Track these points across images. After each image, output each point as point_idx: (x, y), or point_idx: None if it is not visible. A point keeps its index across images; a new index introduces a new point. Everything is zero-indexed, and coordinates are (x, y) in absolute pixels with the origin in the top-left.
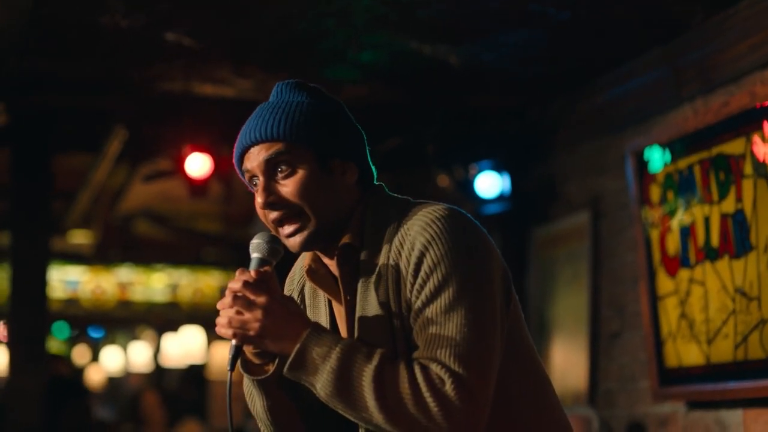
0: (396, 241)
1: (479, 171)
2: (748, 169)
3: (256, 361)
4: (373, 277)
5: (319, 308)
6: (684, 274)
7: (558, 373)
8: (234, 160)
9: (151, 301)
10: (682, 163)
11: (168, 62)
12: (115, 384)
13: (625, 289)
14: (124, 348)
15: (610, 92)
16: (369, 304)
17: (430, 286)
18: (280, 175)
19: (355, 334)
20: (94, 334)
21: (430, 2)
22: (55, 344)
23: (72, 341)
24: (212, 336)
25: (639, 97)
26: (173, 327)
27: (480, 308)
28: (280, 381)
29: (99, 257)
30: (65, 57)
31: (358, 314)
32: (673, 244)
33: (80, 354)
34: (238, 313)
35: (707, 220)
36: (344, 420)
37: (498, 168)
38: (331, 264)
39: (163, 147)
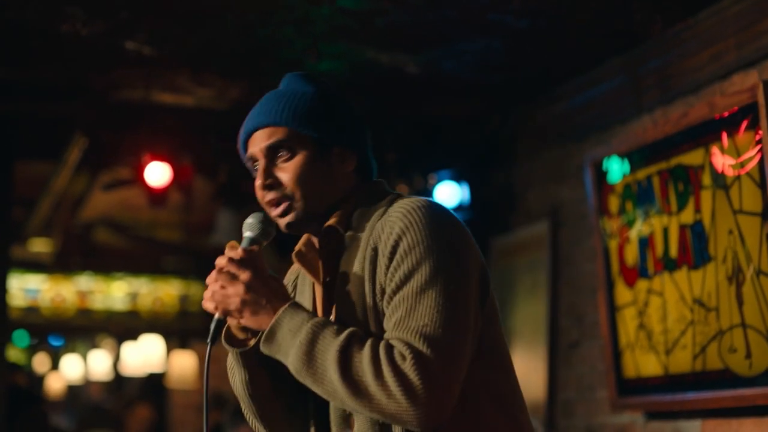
0: (378, 227)
1: (438, 181)
2: (706, 180)
3: (240, 335)
4: (353, 260)
5: (304, 293)
6: (642, 284)
7: None
8: (239, 146)
9: (110, 309)
10: (641, 174)
11: (128, 70)
12: (74, 392)
13: (583, 298)
14: (84, 356)
15: (570, 101)
16: (347, 285)
17: (403, 269)
18: (279, 160)
19: (332, 315)
20: (54, 342)
21: (388, 11)
22: (15, 352)
23: (32, 349)
24: (172, 345)
25: (599, 106)
26: (133, 335)
27: (452, 295)
28: (260, 356)
29: (59, 265)
30: (25, 64)
31: (336, 295)
32: (631, 254)
33: (40, 362)
34: (222, 287)
35: (666, 231)
36: (320, 401)
37: (457, 177)
38: None
39: (123, 155)
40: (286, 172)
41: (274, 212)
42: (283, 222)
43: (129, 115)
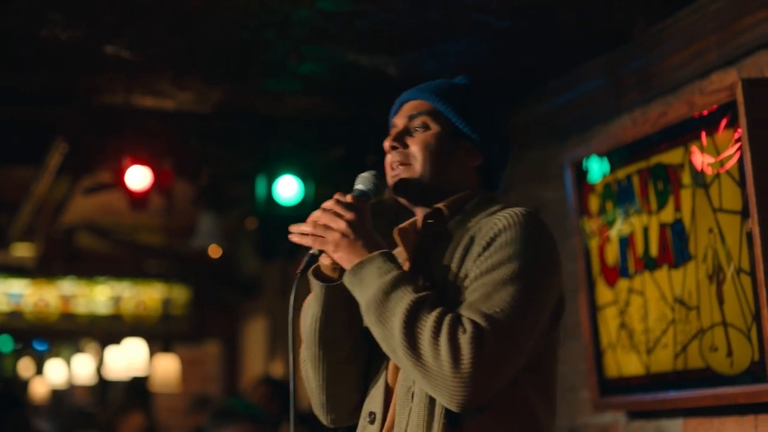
0: (483, 223)
1: None
2: (686, 179)
3: (329, 274)
4: (449, 246)
5: None
6: (623, 284)
7: None
8: (391, 113)
9: (94, 313)
10: (621, 173)
11: (108, 75)
12: (59, 397)
13: (565, 298)
14: (68, 361)
15: (552, 102)
16: (435, 266)
17: (494, 258)
18: (414, 129)
19: None
20: (39, 347)
21: (368, 13)
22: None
23: (16, 354)
24: (155, 348)
25: (580, 106)
26: (116, 339)
27: (531, 296)
28: (340, 295)
29: (42, 270)
30: (5, 70)
31: (421, 269)
32: (612, 254)
33: (25, 367)
34: (324, 223)
35: (646, 230)
36: (380, 354)
37: None
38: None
39: (104, 159)
40: (416, 139)
41: (392, 173)
42: (395, 178)
43: (110, 119)
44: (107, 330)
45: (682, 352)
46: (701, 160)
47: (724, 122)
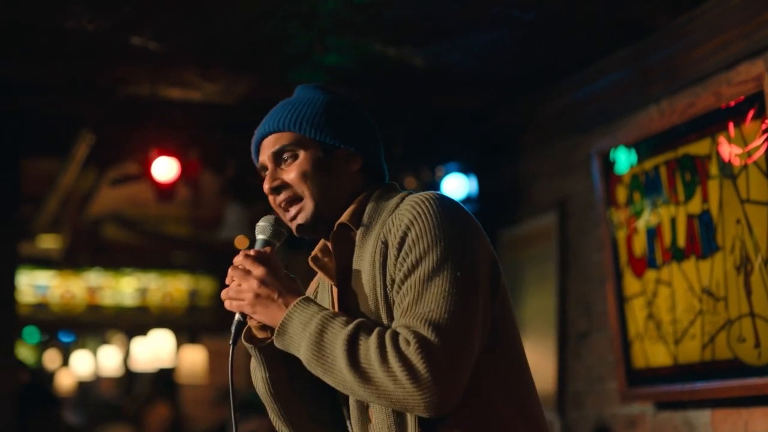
0: (389, 221)
1: (446, 173)
2: (713, 169)
3: (260, 335)
4: (365, 255)
5: (324, 297)
6: (651, 274)
7: None
8: (252, 156)
9: (120, 305)
10: (648, 164)
11: (134, 66)
12: (85, 388)
13: (592, 289)
14: (94, 352)
15: (577, 93)
16: (359, 280)
17: (411, 258)
18: (284, 163)
19: (345, 309)
20: (65, 338)
21: (394, 4)
22: (25, 349)
23: (42, 346)
24: (181, 339)
25: (605, 97)
26: (142, 331)
27: (459, 282)
28: (280, 354)
29: (68, 262)
30: (32, 62)
31: (349, 290)
32: (639, 244)
33: (51, 359)
34: (237, 284)
35: (673, 221)
36: (341, 396)
37: (465, 170)
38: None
39: (130, 151)
40: (290, 172)
41: (287, 216)
42: (294, 224)
43: (136, 111)
44: (134, 321)
45: (710, 342)
46: (728, 150)
47: (751, 113)
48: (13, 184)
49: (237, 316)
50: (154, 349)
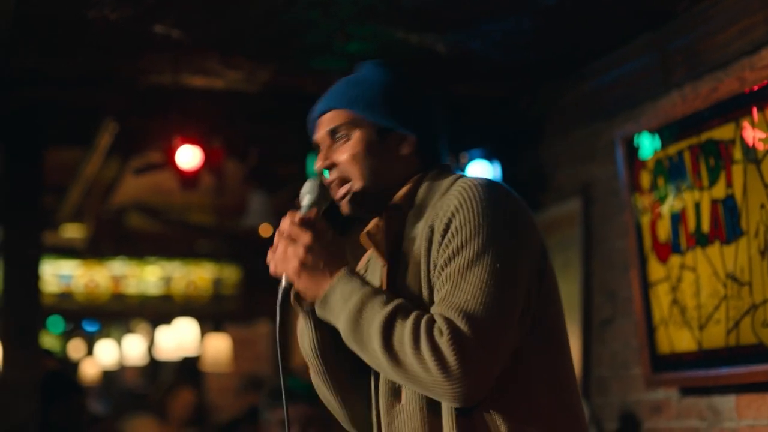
0: (438, 205)
1: (470, 160)
2: (737, 154)
3: (309, 298)
4: (414, 237)
5: (375, 273)
6: (675, 260)
7: None
8: (309, 132)
9: (144, 294)
10: (672, 149)
11: (156, 55)
12: (109, 378)
13: (616, 275)
14: (119, 341)
15: (599, 79)
16: (407, 263)
17: (453, 245)
18: (338, 143)
19: (391, 290)
20: (89, 327)
21: None
22: (50, 339)
23: (67, 335)
24: (206, 328)
25: (628, 83)
26: (167, 320)
27: (498, 272)
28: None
29: (92, 251)
30: (54, 52)
31: (395, 271)
32: (663, 230)
33: (75, 348)
34: (283, 250)
35: (698, 206)
36: (372, 372)
37: (489, 157)
38: None
39: (153, 139)
40: (342, 153)
41: (337, 195)
42: (343, 203)
43: (158, 100)
44: (158, 310)
45: (735, 328)
46: (752, 135)
47: None
48: (37, 174)
49: (284, 282)
50: (179, 338)
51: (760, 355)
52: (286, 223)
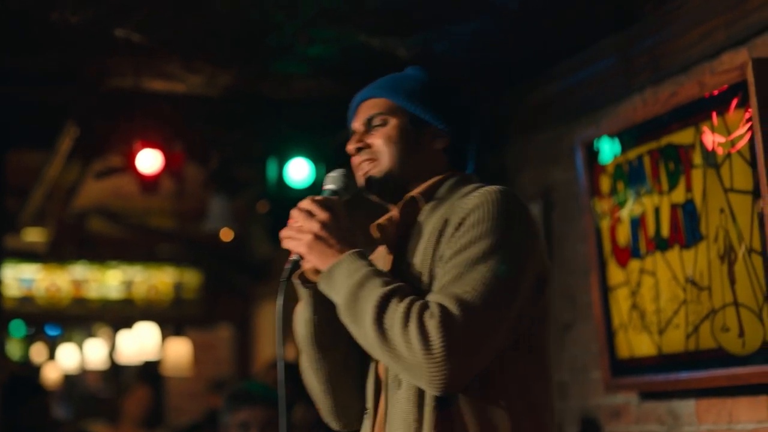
0: (456, 204)
1: None
2: (697, 159)
3: (312, 277)
4: (426, 230)
5: (378, 262)
6: (634, 264)
7: None
8: (348, 120)
9: (105, 298)
10: (632, 154)
11: (118, 58)
12: (71, 382)
13: (576, 279)
14: (80, 346)
15: (562, 82)
16: (415, 253)
17: (464, 240)
18: (374, 129)
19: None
20: (51, 332)
21: None
22: (12, 343)
23: (29, 340)
24: (167, 332)
25: (590, 87)
26: (128, 324)
27: (502, 276)
28: (326, 299)
29: (53, 255)
30: (15, 53)
31: (404, 261)
32: (623, 234)
33: (37, 352)
34: (299, 225)
35: (657, 211)
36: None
37: None
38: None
39: (115, 143)
40: (377, 137)
41: (360, 171)
42: (363, 178)
43: (120, 103)
44: (119, 314)
45: (694, 332)
46: (712, 140)
47: (734, 102)
48: None
49: (294, 255)
50: (140, 342)
51: (720, 359)
52: (306, 202)
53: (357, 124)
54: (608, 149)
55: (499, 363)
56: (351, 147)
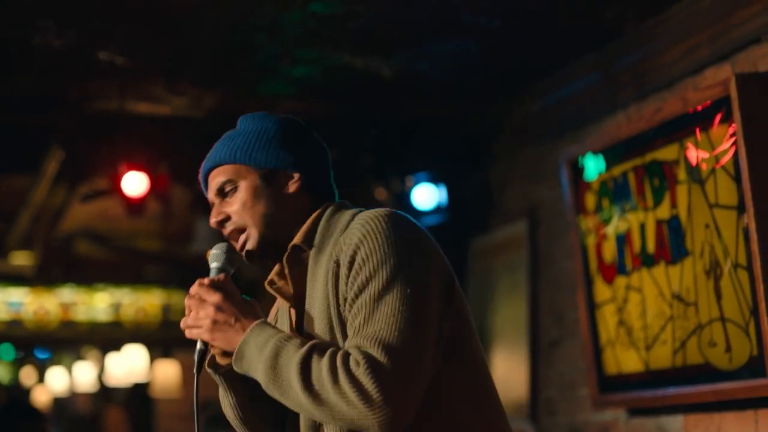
0: (340, 240)
1: (415, 183)
2: (681, 174)
3: (223, 362)
4: (319, 276)
5: (284, 321)
6: (621, 281)
7: (499, 383)
8: (203, 191)
9: (94, 320)
10: (617, 171)
11: (102, 81)
12: (60, 405)
13: (563, 296)
14: (69, 368)
15: (546, 100)
16: (313, 301)
17: (361, 278)
18: (228, 195)
19: (302, 331)
20: (40, 355)
21: (360, 14)
22: (1, 367)
23: (18, 363)
24: (155, 354)
25: (574, 104)
26: (116, 346)
27: (409, 299)
28: (241, 377)
29: (41, 278)
30: None
31: (306, 311)
32: (609, 251)
33: (27, 375)
34: (195, 313)
35: (643, 227)
36: (291, 416)
37: (434, 179)
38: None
39: (100, 166)
40: (233, 204)
41: (237, 246)
42: (245, 254)
43: (105, 126)
44: (108, 337)
45: (681, 348)
46: (696, 155)
47: (718, 117)
48: None
49: (199, 345)
50: (129, 364)
51: (707, 374)
52: (195, 288)
53: (211, 196)
54: (593, 166)
55: (436, 382)
56: (212, 221)
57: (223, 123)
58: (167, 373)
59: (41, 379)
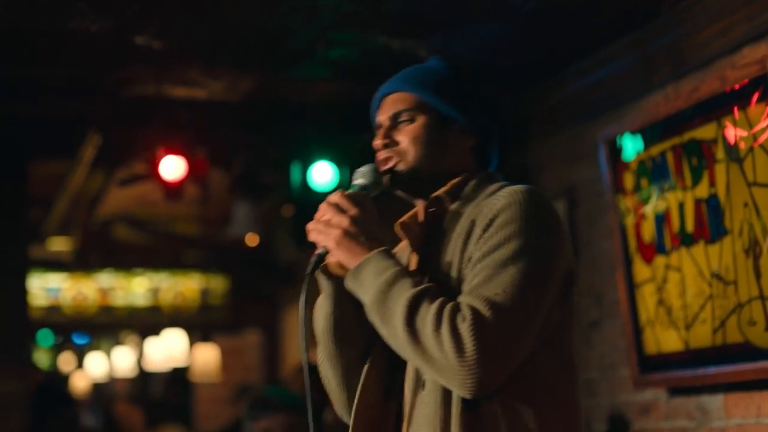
0: (483, 204)
1: None
2: (720, 153)
3: (336, 271)
4: (451, 230)
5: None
6: (660, 260)
7: None
8: (371, 112)
9: (132, 305)
10: (655, 150)
11: (139, 65)
12: (99, 390)
13: (602, 277)
14: (108, 354)
15: (582, 81)
16: (439, 253)
17: (494, 240)
18: (401, 124)
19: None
20: (79, 340)
21: None
22: (40, 352)
23: (57, 349)
24: (194, 338)
25: (610, 85)
26: (155, 331)
27: (532, 277)
28: (349, 294)
29: (79, 263)
30: (36, 64)
31: (430, 260)
32: (648, 231)
33: (66, 361)
34: (327, 219)
35: (681, 206)
36: (397, 360)
37: None
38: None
39: (137, 151)
40: (404, 135)
41: (387, 165)
42: (390, 174)
43: (142, 111)
44: (146, 322)
45: (721, 327)
46: (734, 134)
47: (756, 96)
48: (22, 187)
49: (320, 249)
50: (168, 349)
51: (747, 353)
52: (336, 196)
53: (383, 118)
54: (631, 146)
55: (528, 362)
56: (378, 142)
57: (259, 106)
58: (206, 357)
59: (80, 364)
